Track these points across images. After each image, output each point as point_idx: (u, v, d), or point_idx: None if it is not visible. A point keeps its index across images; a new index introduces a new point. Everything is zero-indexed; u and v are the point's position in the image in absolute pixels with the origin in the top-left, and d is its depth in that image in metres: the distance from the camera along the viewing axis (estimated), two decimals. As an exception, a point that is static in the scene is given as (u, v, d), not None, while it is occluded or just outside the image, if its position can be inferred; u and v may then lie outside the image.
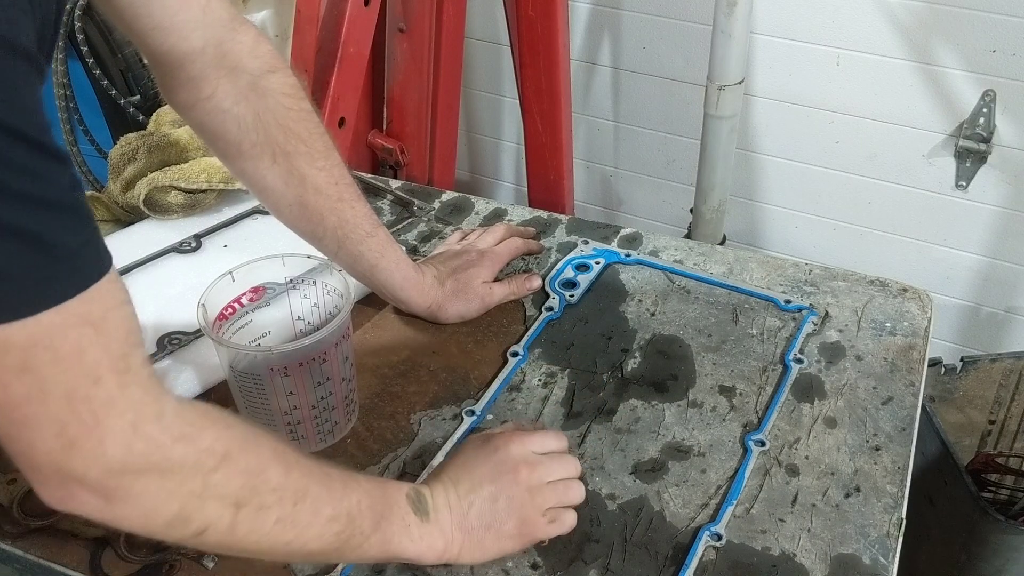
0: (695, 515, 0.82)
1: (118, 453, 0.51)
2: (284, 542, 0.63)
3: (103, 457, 0.51)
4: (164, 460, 0.53)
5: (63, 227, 0.48)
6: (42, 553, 0.80)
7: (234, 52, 0.83)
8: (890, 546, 0.79)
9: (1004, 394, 1.61)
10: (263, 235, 1.16)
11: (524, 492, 0.77)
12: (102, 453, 0.51)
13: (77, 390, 0.49)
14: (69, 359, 0.49)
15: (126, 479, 0.52)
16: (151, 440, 0.52)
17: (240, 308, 0.89)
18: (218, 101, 0.84)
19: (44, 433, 0.49)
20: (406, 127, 1.64)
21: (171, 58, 0.81)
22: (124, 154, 1.20)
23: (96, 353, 0.50)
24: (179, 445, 0.54)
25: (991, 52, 1.66)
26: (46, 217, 0.47)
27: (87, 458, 0.51)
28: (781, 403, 0.93)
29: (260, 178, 0.89)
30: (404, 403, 0.94)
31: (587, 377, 0.97)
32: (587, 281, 1.10)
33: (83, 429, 0.50)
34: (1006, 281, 1.89)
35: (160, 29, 0.78)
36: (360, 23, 1.40)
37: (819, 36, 1.80)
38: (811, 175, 1.96)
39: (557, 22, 1.64)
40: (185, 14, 0.78)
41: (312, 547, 0.65)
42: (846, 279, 1.09)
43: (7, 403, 0.48)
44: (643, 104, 2.08)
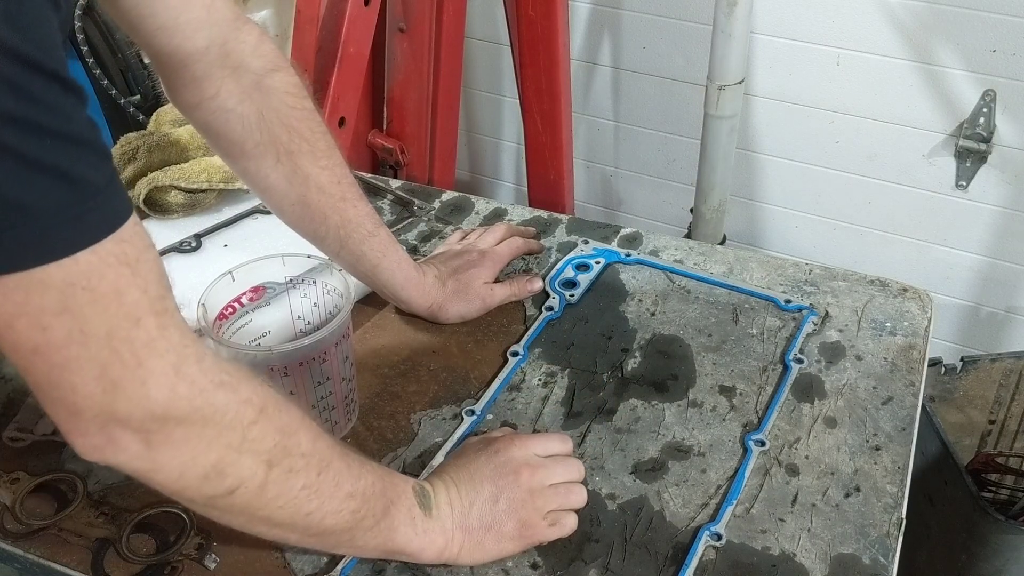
0: (695, 515, 0.82)
1: (162, 394, 0.50)
2: (305, 512, 0.63)
3: (147, 399, 0.50)
4: (207, 405, 0.52)
5: (89, 164, 0.47)
6: (43, 553, 0.80)
7: (238, 51, 0.83)
8: (890, 546, 0.79)
9: (1004, 394, 1.61)
10: (263, 235, 1.16)
11: (525, 494, 0.77)
12: (145, 395, 0.50)
13: (118, 330, 0.48)
14: (108, 299, 0.48)
15: (169, 424, 0.51)
16: (194, 383, 0.51)
17: (240, 308, 0.89)
18: (222, 100, 0.84)
19: (86, 375, 0.48)
20: (406, 127, 1.64)
21: (176, 58, 0.81)
22: (124, 154, 1.21)
23: (135, 294, 0.49)
24: (221, 391, 0.53)
25: (991, 52, 1.66)
26: (73, 152, 0.46)
27: (131, 399, 0.50)
28: (781, 403, 0.93)
29: (263, 177, 0.89)
30: (404, 403, 0.94)
31: (587, 377, 0.97)
32: (587, 281, 1.10)
33: (126, 370, 0.49)
34: (1006, 281, 1.89)
35: (165, 29, 0.78)
36: (360, 23, 1.40)
37: (819, 36, 1.80)
38: (811, 175, 1.96)
39: (557, 22, 1.64)
40: (189, 14, 0.78)
41: (328, 523, 0.65)
42: (846, 279, 1.09)
43: (48, 345, 0.47)
44: (643, 104, 2.08)
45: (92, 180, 0.48)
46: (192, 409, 0.52)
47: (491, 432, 0.86)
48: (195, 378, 0.51)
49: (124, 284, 0.49)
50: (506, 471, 0.77)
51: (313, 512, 0.64)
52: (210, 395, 0.52)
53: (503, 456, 0.78)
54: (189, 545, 0.79)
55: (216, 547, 0.80)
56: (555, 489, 0.79)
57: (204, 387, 0.52)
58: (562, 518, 0.79)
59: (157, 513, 0.82)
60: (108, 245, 0.48)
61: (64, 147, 0.46)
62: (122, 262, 0.48)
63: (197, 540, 0.80)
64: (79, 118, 0.48)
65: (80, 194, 0.47)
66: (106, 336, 0.48)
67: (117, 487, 0.85)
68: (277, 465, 0.59)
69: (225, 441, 0.55)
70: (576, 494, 0.80)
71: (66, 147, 0.46)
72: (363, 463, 0.70)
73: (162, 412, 0.51)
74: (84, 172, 0.47)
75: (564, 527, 0.79)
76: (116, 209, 0.49)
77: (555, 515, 0.78)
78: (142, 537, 0.81)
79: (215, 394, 0.52)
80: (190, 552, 0.79)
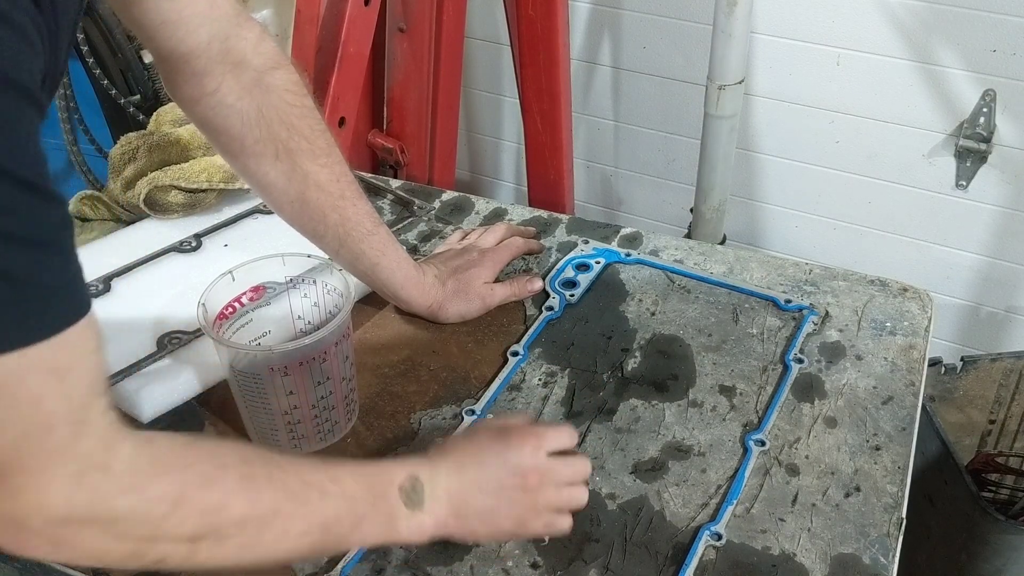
0: (695, 515, 0.82)
1: (59, 503, 0.50)
2: (250, 560, 0.62)
3: (44, 506, 0.50)
4: (107, 511, 0.52)
5: (41, 267, 0.47)
6: (43, 552, 0.80)
7: (239, 47, 0.83)
8: (890, 546, 0.79)
9: (1004, 394, 1.61)
10: (263, 234, 1.16)
11: (529, 497, 0.76)
12: (43, 502, 0.49)
13: (28, 437, 0.48)
14: (25, 405, 0.47)
15: (70, 528, 0.51)
16: (95, 491, 0.51)
17: (240, 307, 0.89)
18: (222, 96, 0.84)
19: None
20: (406, 127, 1.64)
21: (177, 53, 0.81)
22: (124, 153, 1.21)
23: (54, 402, 0.48)
24: (125, 496, 0.52)
25: (991, 52, 1.66)
26: (21, 256, 0.46)
27: (30, 506, 0.49)
28: (781, 403, 0.93)
29: (263, 175, 0.89)
30: (404, 402, 0.94)
31: (587, 377, 0.97)
32: (587, 281, 1.10)
33: (27, 477, 0.49)
34: (1006, 281, 1.89)
35: (167, 24, 0.78)
36: (360, 23, 1.40)
37: (819, 36, 1.80)
38: (811, 175, 1.96)
39: (557, 21, 1.64)
40: (192, 8, 0.79)
41: (282, 557, 0.65)
42: (846, 279, 1.09)
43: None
44: (643, 104, 2.08)
45: (41, 283, 0.47)
46: (92, 516, 0.51)
47: (508, 419, 0.83)
48: (97, 486, 0.51)
49: (46, 392, 0.48)
50: (516, 472, 0.76)
51: (259, 559, 0.62)
52: (112, 501, 0.52)
53: (515, 456, 0.77)
54: (189, 545, 0.79)
55: (216, 547, 0.80)
56: (559, 490, 0.78)
57: (106, 494, 0.52)
58: (558, 519, 0.78)
59: (157, 513, 0.82)
60: (38, 351, 0.47)
61: (13, 249, 0.45)
62: (50, 369, 0.47)
63: (197, 540, 0.80)
64: (43, 221, 0.47)
65: (20, 296, 0.46)
66: (14, 441, 0.48)
67: (117, 487, 0.85)
68: (204, 539, 0.58)
69: (136, 535, 0.54)
70: (578, 496, 0.80)
71: (16, 249, 0.45)
72: (326, 489, 0.66)
73: (61, 518, 0.50)
74: (33, 275, 0.46)
75: (560, 527, 0.78)
76: (58, 314, 0.48)
77: (553, 515, 0.78)
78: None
79: (117, 500, 0.52)
80: (190, 552, 0.79)
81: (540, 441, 0.78)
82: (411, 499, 0.72)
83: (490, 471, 0.76)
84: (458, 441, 0.79)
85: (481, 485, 0.75)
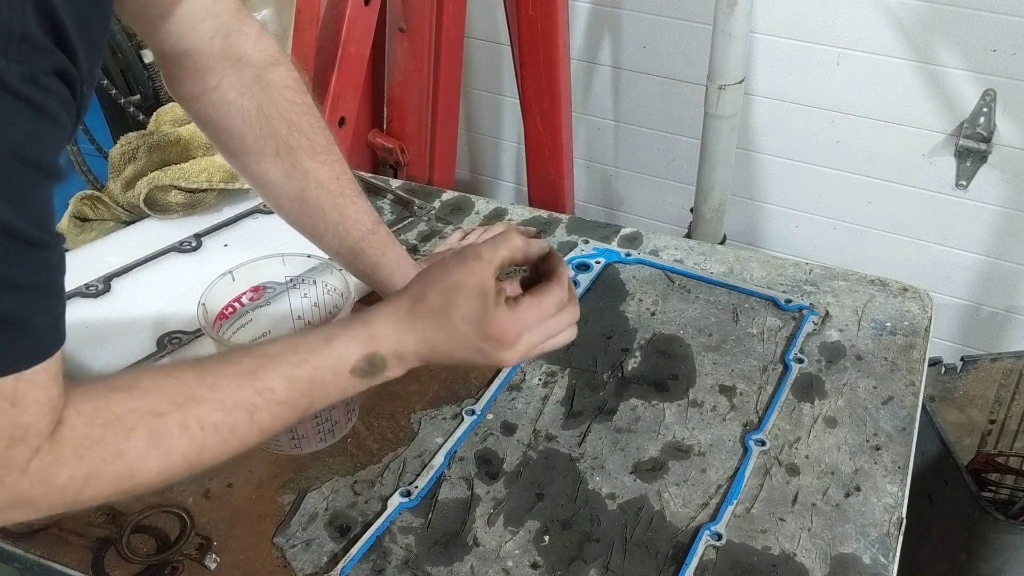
0: (695, 514, 0.82)
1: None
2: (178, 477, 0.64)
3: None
4: (24, 502, 0.57)
5: (35, 310, 0.53)
6: (44, 553, 0.80)
7: (240, 43, 0.83)
8: (890, 546, 0.79)
9: (1004, 393, 1.61)
10: (263, 234, 1.16)
11: (503, 357, 0.73)
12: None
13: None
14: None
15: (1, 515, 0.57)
16: (11, 489, 0.56)
17: (240, 307, 0.89)
18: (223, 92, 0.84)
19: None
20: (406, 127, 1.64)
21: (179, 49, 0.81)
22: (124, 153, 1.21)
23: (2, 423, 0.54)
24: (38, 488, 0.57)
25: (991, 52, 1.66)
26: (21, 301, 0.51)
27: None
28: (781, 403, 0.93)
29: (262, 172, 0.89)
30: (404, 402, 0.94)
31: (587, 376, 0.97)
32: (587, 280, 1.10)
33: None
34: (1006, 280, 1.89)
35: (170, 18, 0.78)
36: (360, 23, 1.40)
37: (819, 36, 1.80)
38: (811, 175, 1.96)
39: (557, 21, 1.64)
40: (195, 3, 0.79)
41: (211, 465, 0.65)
42: (846, 279, 1.09)
43: None
44: (643, 104, 2.08)
45: (31, 324, 0.53)
46: (12, 504, 0.57)
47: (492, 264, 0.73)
48: (13, 484, 0.56)
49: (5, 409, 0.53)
50: (492, 346, 0.72)
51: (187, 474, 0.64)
52: (27, 493, 0.57)
53: (496, 330, 0.71)
54: (189, 545, 0.80)
55: (216, 547, 0.80)
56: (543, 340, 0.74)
57: (21, 490, 0.57)
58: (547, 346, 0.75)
59: (157, 513, 0.82)
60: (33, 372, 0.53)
61: (20, 297, 0.52)
62: (4, 397, 0.53)
63: (197, 540, 0.80)
64: (47, 267, 0.54)
65: (17, 335, 0.52)
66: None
67: (117, 487, 0.85)
68: (123, 494, 0.61)
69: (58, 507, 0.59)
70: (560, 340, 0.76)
71: (23, 297, 0.52)
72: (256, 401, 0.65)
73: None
74: (31, 317, 0.53)
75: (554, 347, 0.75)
76: (29, 355, 0.53)
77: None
78: (142, 537, 0.81)
79: (31, 491, 0.57)
80: (190, 552, 0.79)
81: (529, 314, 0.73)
82: (369, 372, 0.70)
83: (464, 342, 0.72)
84: (426, 300, 0.72)
85: (452, 354, 0.72)
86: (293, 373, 0.67)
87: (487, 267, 0.73)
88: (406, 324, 0.72)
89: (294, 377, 0.67)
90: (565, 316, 0.76)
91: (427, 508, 0.83)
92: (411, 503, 0.84)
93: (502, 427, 0.91)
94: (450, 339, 0.72)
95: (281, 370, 0.67)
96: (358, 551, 0.79)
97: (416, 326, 0.72)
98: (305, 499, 0.84)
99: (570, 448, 0.89)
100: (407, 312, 0.72)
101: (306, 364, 0.68)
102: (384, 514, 0.82)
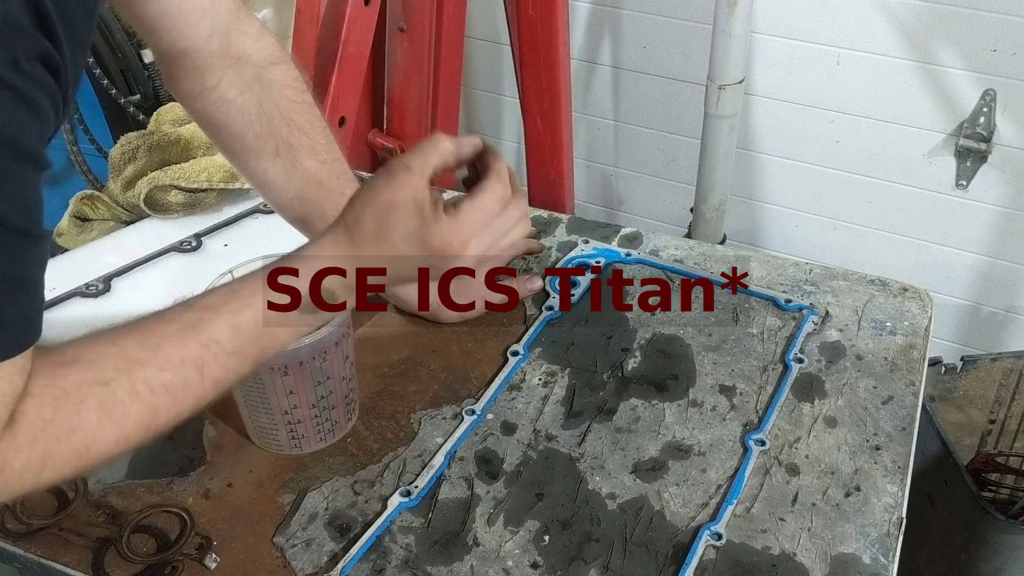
0: (695, 514, 0.82)
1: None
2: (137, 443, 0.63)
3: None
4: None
5: (17, 301, 0.53)
6: (44, 553, 0.80)
7: (239, 42, 0.83)
8: (890, 546, 0.79)
9: (1004, 393, 1.61)
10: (264, 234, 1.16)
11: (455, 268, 0.72)
12: None
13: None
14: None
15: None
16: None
17: (240, 307, 0.89)
18: (223, 91, 0.84)
19: None
20: (406, 127, 1.64)
21: (177, 47, 0.81)
22: (124, 153, 1.21)
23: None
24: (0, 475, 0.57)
25: (991, 51, 1.66)
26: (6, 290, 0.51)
27: None
28: (781, 402, 0.93)
29: (263, 171, 0.89)
30: (404, 402, 0.94)
31: (587, 376, 0.97)
32: (587, 280, 1.10)
33: None
34: (1006, 280, 1.89)
35: (168, 16, 0.78)
36: (360, 23, 1.40)
37: (819, 36, 1.80)
38: (811, 175, 1.96)
39: (557, 21, 1.64)
40: (192, 1, 0.79)
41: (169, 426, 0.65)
42: (846, 278, 1.09)
43: None
44: (643, 103, 2.08)
45: (2, 317, 0.52)
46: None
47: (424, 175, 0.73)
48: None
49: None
50: (440, 259, 0.71)
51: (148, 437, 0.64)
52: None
53: (439, 246, 0.70)
54: (189, 545, 0.79)
55: (216, 547, 0.80)
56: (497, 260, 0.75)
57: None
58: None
59: (157, 513, 0.82)
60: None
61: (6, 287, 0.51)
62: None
63: (197, 540, 0.80)
64: (33, 260, 0.53)
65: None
66: None
67: (117, 487, 0.85)
68: (83, 470, 0.61)
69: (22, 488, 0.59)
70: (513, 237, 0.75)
71: (8, 287, 0.51)
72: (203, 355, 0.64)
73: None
74: (12, 308, 0.52)
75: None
76: (24, 341, 0.54)
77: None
78: (142, 537, 0.81)
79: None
80: (190, 552, 0.79)
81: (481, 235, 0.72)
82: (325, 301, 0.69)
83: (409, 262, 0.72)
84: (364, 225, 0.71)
85: (400, 268, 0.71)
86: (236, 320, 0.66)
87: (418, 179, 0.71)
88: (346, 252, 0.70)
89: (237, 325, 0.66)
90: (511, 211, 0.74)
91: (427, 508, 0.83)
92: (411, 503, 0.84)
93: (502, 427, 0.91)
94: (394, 260, 0.71)
95: (224, 319, 0.65)
96: (358, 551, 0.79)
97: (358, 254, 0.70)
98: (305, 499, 0.84)
99: (570, 448, 0.89)
100: (345, 241, 0.70)
101: (248, 309, 0.66)
102: (384, 514, 0.82)
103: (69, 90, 0.55)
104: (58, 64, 0.52)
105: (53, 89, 0.52)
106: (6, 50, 0.47)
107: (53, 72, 0.51)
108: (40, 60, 0.50)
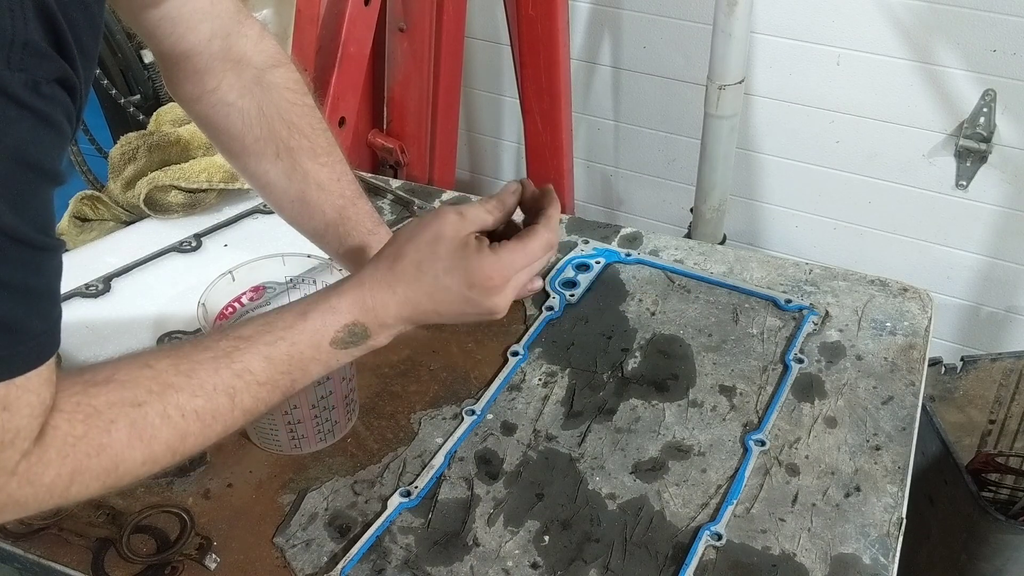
0: (695, 515, 0.82)
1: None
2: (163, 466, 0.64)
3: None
4: (13, 503, 0.57)
5: (35, 312, 0.53)
6: (44, 553, 0.80)
7: (240, 45, 0.83)
8: (890, 546, 0.79)
9: (1004, 394, 1.61)
10: (263, 234, 1.16)
11: (494, 303, 0.73)
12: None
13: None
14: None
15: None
16: (1, 491, 0.57)
17: (240, 307, 0.89)
18: (223, 94, 0.84)
19: None
20: (406, 127, 1.64)
21: (178, 50, 0.81)
22: (124, 153, 1.21)
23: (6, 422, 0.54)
24: (26, 489, 0.57)
25: (991, 52, 1.66)
26: (23, 302, 0.52)
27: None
28: (781, 403, 0.93)
29: (263, 173, 0.89)
30: (404, 402, 0.94)
31: (587, 376, 0.97)
32: (587, 280, 1.10)
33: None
34: (1006, 280, 1.89)
35: (168, 19, 0.78)
36: (360, 22, 1.40)
37: (819, 36, 1.80)
38: (811, 175, 1.96)
39: (557, 21, 1.64)
40: (193, 4, 0.79)
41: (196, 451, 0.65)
42: (846, 279, 1.09)
43: None
44: (643, 104, 2.08)
45: (29, 328, 0.53)
46: (5, 506, 0.58)
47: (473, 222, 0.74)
48: (3, 487, 0.57)
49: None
50: (480, 292, 0.71)
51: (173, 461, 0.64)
52: (16, 494, 0.57)
53: (481, 280, 0.71)
54: (189, 545, 0.80)
55: (216, 547, 0.80)
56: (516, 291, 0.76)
57: (10, 491, 0.57)
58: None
59: (157, 513, 0.82)
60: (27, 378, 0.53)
61: (19, 298, 0.52)
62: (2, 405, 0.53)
63: (197, 540, 0.80)
64: (48, 271, 0.54)
65: (15, 339, 0.52)
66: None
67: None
68: (112, 484, 0.62)
69: (50, 503, 0.59)
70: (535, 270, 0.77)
71: (21, 299, 0.52)
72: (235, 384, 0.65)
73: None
74: (28, 320, 0.53)
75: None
76: (25, 360, 0.53)
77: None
78: (142, 537, 0.81)
79: (20, 492, 0.58)
80: (190, 552, 0.79)
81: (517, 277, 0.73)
82: (351, 342, 0.70)
83: (452, 304, 0.72)
84: (406, 258, 0.71)
85: (439, 304, 0.72)
86: (270, 352, 0.67)
87: (467, 223, 0.72)
88: (384, 288, 0.70)
89: (271, 356, 0.67)
90: (549, 256, 0.76)
91: (427, 508, 0.83)
92: (411, 503, 0.84)
93: (502, 427, 0.91)
94: (434, 294, 0.71)
95: (258, 350, 0.66)
96: (358, 551, 0.79)
97: (396, 288, 0.70)
98: (305, 499, 0.84)
99: (570, 448, 0.89)
100: (385, 274, 0.71)
101: (282, 342, 0.67)
102: (384, 514, 0.82)
103: (81, 104, 0.56)
104: (74, 83, 0.53)
105: (69, 107, 0.53)
106: (27, 74, 0.49)
107: (70, 92, 0.53)
108: (58, 81, 0.52)
